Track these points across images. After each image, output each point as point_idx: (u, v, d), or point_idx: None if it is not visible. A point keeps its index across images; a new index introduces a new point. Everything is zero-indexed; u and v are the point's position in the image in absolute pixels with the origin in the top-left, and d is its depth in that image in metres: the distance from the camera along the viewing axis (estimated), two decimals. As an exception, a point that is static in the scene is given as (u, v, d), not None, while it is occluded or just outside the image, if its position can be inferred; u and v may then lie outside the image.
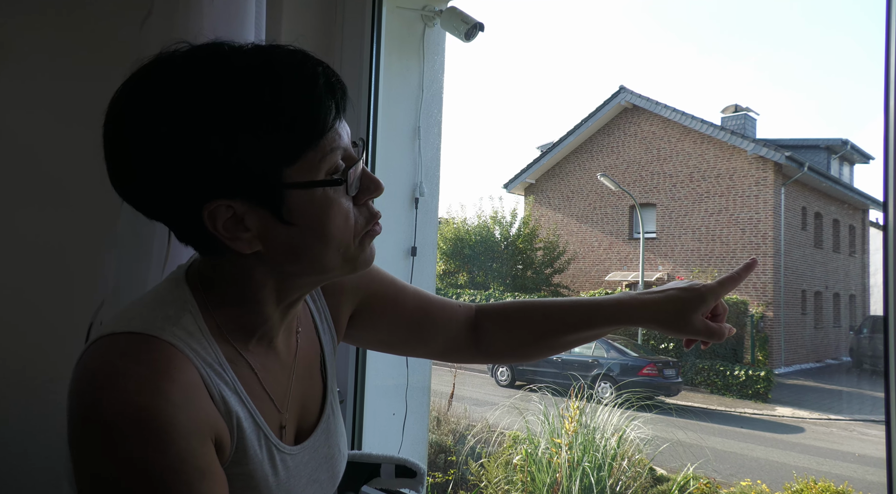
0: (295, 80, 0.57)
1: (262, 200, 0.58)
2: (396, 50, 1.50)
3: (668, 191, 15.83)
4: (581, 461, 4.13)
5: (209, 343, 0.61)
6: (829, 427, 9.37)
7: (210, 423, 0.57)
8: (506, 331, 0.86)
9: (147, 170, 0.57)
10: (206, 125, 0.55)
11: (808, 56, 28.41)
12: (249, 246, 0.59)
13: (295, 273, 0.64)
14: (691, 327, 0.74)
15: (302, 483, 0.68)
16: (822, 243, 16.16)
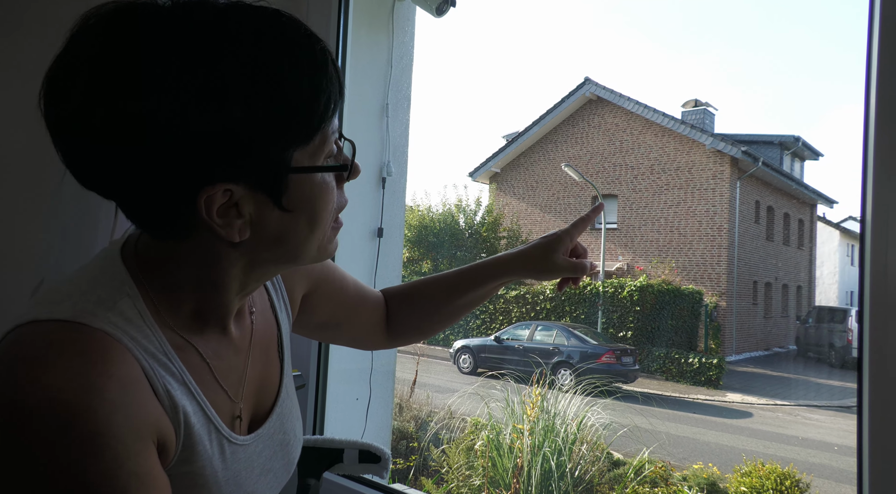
0: (311, 56, 0.53)
1: (265, 185, 0.53)
2: (365, 23, 1.44)
3: (629, 182, 16.13)
4: (542, 446, 4.19)
5: (151, 330, 0.55)
6: (776, 412, 9.80)
7: (151, 423, 0.52)
8: (411, 308, 0.90)
9: (152, 145, 0.49)
10: (223, 95, 0.49)
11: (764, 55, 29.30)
12: (240, 233, 0.54)
13: (268, 260, 0.59)
14: (557, 265, 0.82)
15: (255, 475, 0.64)
16: (774, 236, 16.79)
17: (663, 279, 13.99)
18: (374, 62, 1.46)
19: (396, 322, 0.90)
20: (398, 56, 1.48)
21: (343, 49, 1.34)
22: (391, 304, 0.90)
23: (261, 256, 0.58)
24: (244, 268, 0.59)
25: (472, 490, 4.23)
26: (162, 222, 0.55)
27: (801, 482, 4.40)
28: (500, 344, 11.63)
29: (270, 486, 0.67)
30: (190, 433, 0.56)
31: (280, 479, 0.70)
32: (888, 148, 0.60)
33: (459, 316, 0.89)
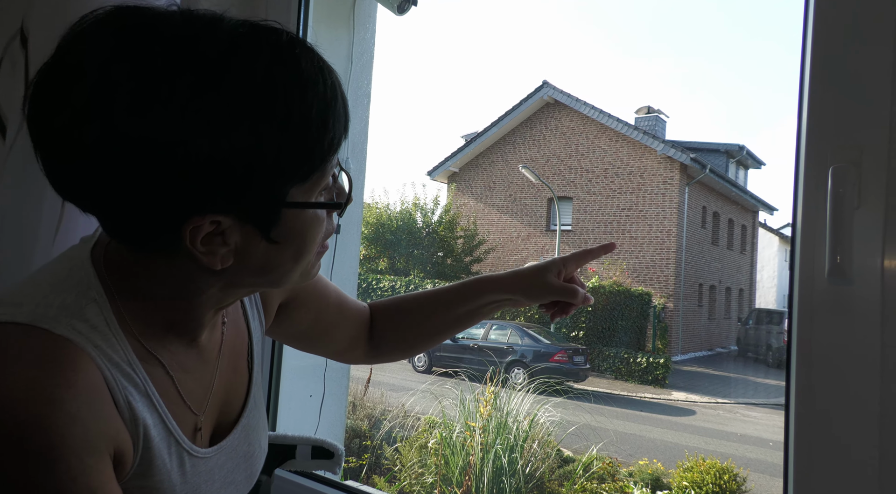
0: (322, 92, 0.50)
1: (256, 218, 0.51)
2: (325, 17, 1.43)
3: (584, 185, 16.49)
4: (494, 443, 4.24)
5: (117, 339, 0.53)
6: (717, 409, 10.21)
7: (110, 436, 0.50)
8: (396, 322, 0.86)
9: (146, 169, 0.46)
10: (228, 125, 0.46)
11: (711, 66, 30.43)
12: (222, 261, 0.52)
13: (248, 284, 0.58)
14: (549, 285, 0.78)
15: (215, 487, 0.63)
16: (719, 240, 17.48)
17: (614, 280, 14.37)
18: (333, 58, 1.45)
19: (380, 336, 0.86)
20: (358, 53, 1.48)
21: (303, 43, 1.33)
22: (377, 318, 0.87)
23: (242, 281, 0.56)
24: (222, 288, 0.57)
25: (424, 487, 4.24)
26: (141, 241, 0.52)
27: (739, 476, 4.61)
28: (455, 342, 11.68)
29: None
30: (149, 446, 0.54)
31: (241, 491, 0.68)
32: (816, 159, 0.64)
33: (447, 334, 0.85)
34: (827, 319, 0.63)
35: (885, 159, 0.62)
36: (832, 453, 0.64)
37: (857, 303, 0.62)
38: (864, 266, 0.62)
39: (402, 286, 15.11)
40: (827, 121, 0.65)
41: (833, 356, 0.63)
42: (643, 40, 31.06)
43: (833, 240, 0.61)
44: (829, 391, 0.64)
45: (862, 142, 0.62)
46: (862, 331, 0.62)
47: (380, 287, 15.32)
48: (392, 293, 15.22)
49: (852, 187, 0.61)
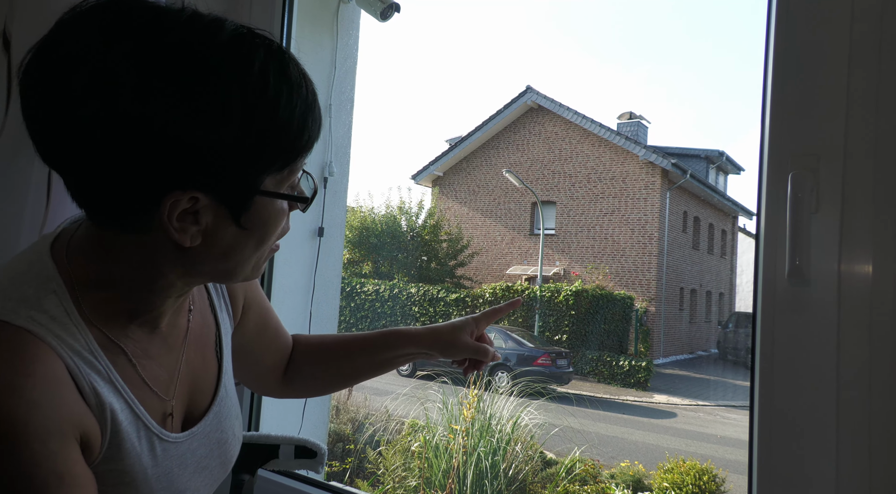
0: (304, 95, 0.55)
1: (231, 201, 0.55)
2: (309, 23, 1.45)
3: (567, 190, 16.61)
4: (477, 446, 4.26)
5: (78, 328, 0.54)
6: (698, 412, 10.32)
7: (74, 422, 0.51)
8: (315, 358, 0.88)
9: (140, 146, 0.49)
10: (222, 114, 0.50)
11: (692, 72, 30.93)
12: (192, 240, 0.54)
13: (205, 273, 0.60)
14: (463, 343, 0.84)
15: (188, 472, 0.64)
16: (699, 245, 17.71)
17: (597, 284, 14.49)
18: (317, 63, 1.47)
19: (296, 369, 0.87)
20: (342, 58, 1.50)
21: (286, 48, 1.34)
22: (298, 351, 0.88)
23: (201, 268, 0.58)
24: (181, 276, 0.59)
25: (407, 491, 4.24)
26: (118, 214, 0.54)
27: (718, 477, 4.68)
28: (439, 346, 11.66)
29: (205, 483, 0.67)
30: (117, 430, 0.56)
31: (216, 477, 0.69)
32: (776, 167, 0.68)
33: (360, 378, 0.88)
34: (787, 319, 0.67)
35: (840, 167, 0.65)
36: (792, 447, 0.67)
37: (815, 304, 0.65)
38: (822, 268, 0.65)
39: (387, 290, 15.07)
40: (786, 132, 0.68)
41: (793, 354, 0.66)
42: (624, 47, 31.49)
43: (792, 243, 0.64)
44: (789, 387, 0.67)
45: (819, 151, 0.66)
46: (819, 330, 0.65)
47: (364, 291, 15.27)
48: (376, 297, 15.17)
49: (810, 193, 0.65)
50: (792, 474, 0.67)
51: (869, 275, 0.63)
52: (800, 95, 0.68)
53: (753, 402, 0.70)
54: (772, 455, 0.68)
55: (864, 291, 0.63)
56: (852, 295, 0.64)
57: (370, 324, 15.19)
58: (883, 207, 0.63)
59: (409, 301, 14.89)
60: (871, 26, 0.66)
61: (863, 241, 0.64)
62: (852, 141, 0.65)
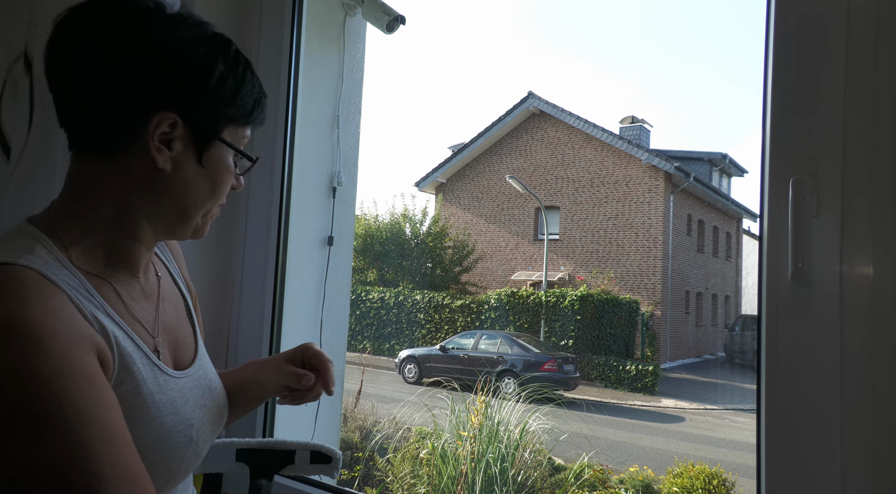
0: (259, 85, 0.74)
1: (198, 135, 0.67)
2: (316, 37, 1.48)
3: (570, 194, 16.62)
4: (485, 453, 4.26)
5: (69, 270, 0.60)
6: (706, 416, 10.27)
7: (87, 335, 0.56)
8: None
9: (166, 59, 0.64)
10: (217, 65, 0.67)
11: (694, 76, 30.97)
12: (164, 162, 0.65)
13: (163, 209, 0.68)
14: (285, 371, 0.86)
15: (189, 406, 0.69)
16: (704, 248, 17.66)
17: (602, 289, 14.46)
18: (325, 75, 1.50)
19: None
20: (349, 70, 1.52)
21: (295, 62, 1.37)
22: None
23: (163, 203, 0.67)
24: (148, 210, 0.67)
25: (416, 498, 4.24)
26: (110, 130, 0.64)
27: (728, 481, 4.65)
28: (445, 353, 11.67)
29: (207, 420, 0.72)
30: (122, 353, 0.60)
31: (214, 419, 0.74)
32: (777, 172, 0.70)
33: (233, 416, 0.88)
34: (791, 320, 0.68)
35: (839, 171, 0.67)
36: (798, 447, 0.68)
37: (817, 305, 0.67)
38: (824, 270, 0.67)
39: (392, 297, 15.08)
40: (786, 137, 0.70)
41: (797, 354, 0.68)
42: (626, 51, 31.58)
43: (794, 246, 0.66)
44: (794, 388, 0.68)
45: (818, 156, 0.68)
46: (823, 331, 0.67)
47: (369, 298, 15.28)
48: (381, 304, 15.18)
49: (811, 197, 0.67)
50: (798, 473, 0.69)
51: (870, 276, 0.65)
52: (798, 102, 0.70)
53: (760, 403, 0.72)
54: (778, 455, 0.70)
55: (866, 291, 0.65)
56: (854, 295, 0.66)
57: (375, 332, 15.19)
58: (882, 209, 0.65)
59: (415, 308, 14.89)
60: (867, 34, 0.68)
61: (863, 243, 0.66)
62: (850, 145, 0.67)
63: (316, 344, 0.89)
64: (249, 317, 1.30)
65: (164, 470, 0.63)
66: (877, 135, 0.66)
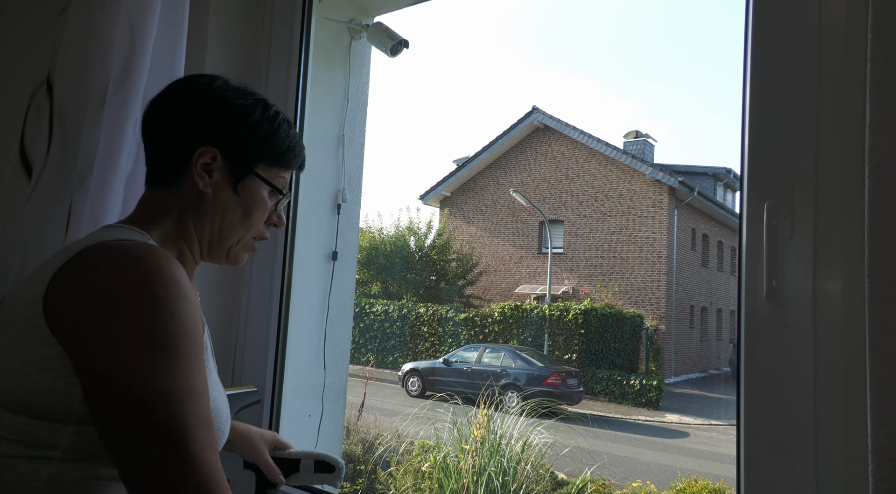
0: (295, 133, 0.88)
1: (235, 166, 0.81)
2: (323, 59, 1.54)
3: (574, 208, 16.67)
4: (487, 466, 4.26)
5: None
6: (710, 431, 10.19)
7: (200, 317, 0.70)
8: None
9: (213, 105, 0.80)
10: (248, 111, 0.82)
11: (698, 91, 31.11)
12: (205, 186, 0.79)
13: (207, 228, 0.81)
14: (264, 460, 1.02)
15: (217, 388, 0.79)
16: (709, 262, 17.63)
17: (606, 303, 14.43)
18: (331, 96, 1.56)
19: None
20: (354, 91, 1.58)
21: (303, 84, 1.43)
22: None
23: (208, 222, 0.81)
24: (199, 228, 0.81)
25: (418, 511, 4.23)
26: (168, 164, 0.80)
27: (731, 497, 4.63)
28: (448, 366, 11.66)
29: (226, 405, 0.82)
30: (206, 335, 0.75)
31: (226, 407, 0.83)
32: (754, 196, 0.74)
33: None
34: (767, 336, 0.72)
35: (812, 196, 0.71)
36: (776, 456, 0.72)
37: (791, 321, 0.71)
38: (797, 288, 0.71)
39: (396, 310, 15.09)
40: (762, 164, 0.75)
41: (773, 367, 0.72)
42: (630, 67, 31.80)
43: (769, 265, 0.70)
44: (772, 400, 0.72)
45: (793, 182, 0.72)
46: (797, 345, 0.71)
47: (373, 311, 15.30)
48: (385, 317, 15.19)
49: (785, 220, 0.71)
50: (777, 481, 0.72)
51: (840, 293, 0.69)
52: (775, 131, 0.75)
53: (740, 414, 0.76)
54: (757, 465, 0.73)
55: (837, 308, 0.69)
56: (826, 312, 0.70)
57: (379, 344, 15.19)
58: (852, 232, 0.69)
59: (418, 321, 14.90)
60: (837, 69, 0.72)
61: (834, 263, 0.70)
62: (823, 172, 0.71)
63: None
64: (256, 330, 1.35)
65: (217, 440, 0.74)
66: (847, 164, 0.70)
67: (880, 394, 0.49)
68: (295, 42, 1.42)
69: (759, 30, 0.77)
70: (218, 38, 1.38)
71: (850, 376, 0.68)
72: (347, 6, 1.58)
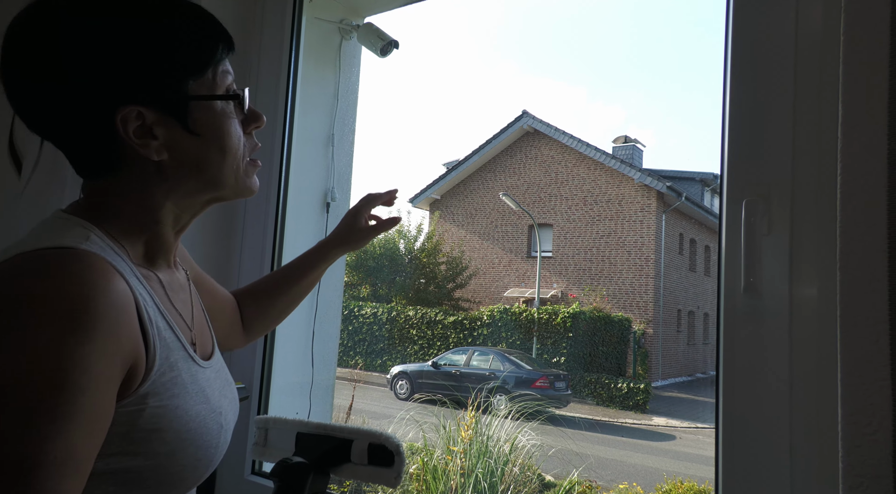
0: (197, 10, 0.67)
1: (169, 109, 0.63)
2: (314, 59, 1.55)
3: (563, 212, 16.76)
4: (475, 468, 4.27)
5: (121, 257, 0.61)
6: (697, 434, 10.28)
7: (129, 344, 0.56)
8: (256, 302, 0.99)
9: (78, 67, 0.59)
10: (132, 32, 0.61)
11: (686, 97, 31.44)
12: (157, 153, 0.63)
13: (192, 190, 0.67)
14: (363, 230, 1.03)
15: (216, 394, 0.69)
16: (696, 267, 17.80)
17: (595, 306, 14.52)
18: (321, 96, 1.57)
19: (247, 318, 0.97)
20: (344, 91, 1.59)
21: (293, 83, 1.44)
22: (243, 301, 0.98)
23: (187, 185, 0.66)
24: (174, 200, 0.66)
25: (405, 513, 4.23)
26: (95, 151, 0.63)
27: (716, 498, 4.67)
28: (437, 369, 11.67)
29: (231, 410, 0.73)
30: (164, 345, 0.61)
31: (234, 408, 0.76)
32: (732, 194, 0.76)
33: (298, 300, 1.02)
34: (744, 330, 0.74)
35: (789, 194, 0.74)
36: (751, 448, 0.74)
37: (768, 316, 0.73)
38: (774, 284, 0.73)
39: (385, 313, 15.07)
40: (741, 162, 0.77)
41: (751, 361, 0.74)
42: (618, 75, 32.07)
43: (747, 262, 0.72)
44: (748, 393, 0.74)
45: (770, 180, 0.75)
46: (773, 338, 0.73)
47: (361, 313, 15.27)
48: (374, 319, 15.16)
49: (762, 217, 0.73)
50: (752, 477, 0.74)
51: (816, 289, 0.71)
52: (753, 130, 0.77)
53: (718, 409, 0.77)
54: (734, 460, 0.75)
55: (812, 303, 0.71)
56: (801, 306, 0.72)
57: (368, 347, 15.15)
58: (827, 229, 0.71)
59: (407, 323, 14.89)
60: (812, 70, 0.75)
61: (810, 260, 0.72)
62: (799, 171, 0.74)
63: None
64: (244, 327, 1.35)
65: (203, 458, 0.65)
66: (822, 163, 0.73)
67: (849, 383, 0.51)
68: (285, 42, 1.43)
69: (739, 36, 0.79)
70: (208, 36, 1.39)
71: (824, 368, 0.70)
72: (338, 6, 1.59)
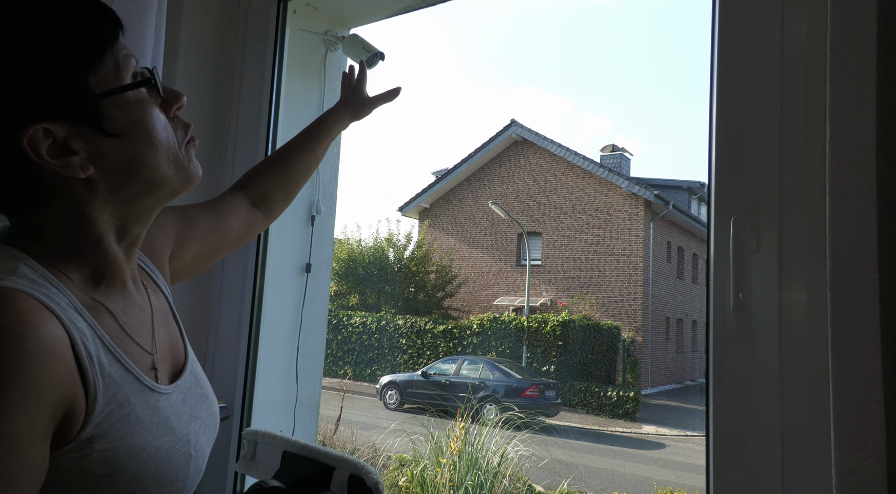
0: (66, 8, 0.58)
1: (79, 116, 0.56)
2: (298, 70, 1.53)
3: (552, 221, 16.82)
4: (464, 479, 4.23)
5: (59, 289, 0.55)
6: (687, 442, 10.29)
7: (62, 388, 0.51)
8: (268, 176, 1.00)
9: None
10: (3, 44, 0.54)
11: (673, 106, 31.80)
12: (83, 169, 0.56)
13: (132, 196, 0.61)
14: (366, 98, 1.15)
15: (184, 421, 0.65)
16: (684, 274, 17.91)
17: (584, 314, 14.54)
18: (306, 107, 1.55)
19: (263, 197, 0.98)
20: (329, 102, 1.58)
21: (277, 95, 1.42)
22: (252, 184, 0.98)
23: (125, 193, 0.60)
24: (113, 214, 0.61)
25: (394, 527, 4.18)
26: (12, 186, 0.56)
27: (706, 507, 4.67)
28: (426, 378, 11.60)
29: (203, 432, 0.69)
30: (111, 383, 0.56)
31: (209, 428, 0.72)
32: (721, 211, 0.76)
33: (312, 169, 1.06)
34: (734, 348, 0.73)
35: (777, 211, 0.73)
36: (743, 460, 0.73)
37: (757, 333, 0.72)
38: (763, 300, 0.72)
39: (374, 322, 14.99)
40: (729, 180, 0.76)
41: (740, 377, 0.73)
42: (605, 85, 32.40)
43: (735, 279, 0.71)
44: (739, 411, 0.73)
45: (758, 198, 0.74)
46: (763, 355, 0.72)
47: (350, 323, 15.18)
48: (363, 329, 15.08)
49: (750, 234, 0.72)
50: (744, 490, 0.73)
51: (805, 306, 0.70)
52: (740, 149, 0.76)
53: (709, 424, 0.76)
54: (725, 473, 0.74)
55: (802, 321, 0.70)
56: (791, 324, 0.71)
57: (357, 357, 15.05)
58: (815, 245, 0.71)
59: (397, 333, 14.82)
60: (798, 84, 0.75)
61: (800, 277, 0.71)
62: (787, 189, 0.73)
63: None
64: (226, 344, 1.32)
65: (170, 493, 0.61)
66: (809, 180, 0.72)
67: (840, 407, 0.50)
68: (269, 53, 1.42)
69: (724, 51, 0.79)
70: (191, 47, 1.37)
71: (814, 387, 0.69)
72: (323, 18, 1.57)
